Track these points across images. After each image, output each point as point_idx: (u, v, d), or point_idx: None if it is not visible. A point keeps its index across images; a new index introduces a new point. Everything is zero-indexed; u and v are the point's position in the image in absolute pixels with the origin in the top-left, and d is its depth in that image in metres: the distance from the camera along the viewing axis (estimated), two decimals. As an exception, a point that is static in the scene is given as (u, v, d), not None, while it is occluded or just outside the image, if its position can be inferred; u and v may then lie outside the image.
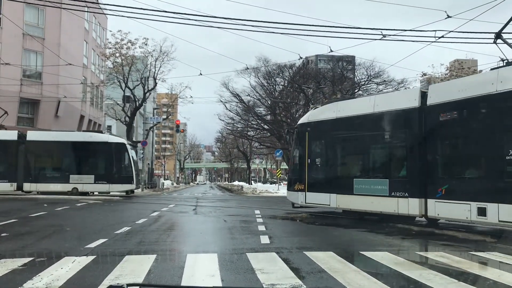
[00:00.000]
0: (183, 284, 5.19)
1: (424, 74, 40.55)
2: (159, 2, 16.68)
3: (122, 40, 34.16)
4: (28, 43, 30.82)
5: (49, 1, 20.02)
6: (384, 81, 42.74)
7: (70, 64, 28.70)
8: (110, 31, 36.98)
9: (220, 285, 5.13)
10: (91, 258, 6.67)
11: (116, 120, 38.87)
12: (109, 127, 49.03)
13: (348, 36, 24.37)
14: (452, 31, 14.55)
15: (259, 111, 47.74)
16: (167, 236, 9.49)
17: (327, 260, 6.58)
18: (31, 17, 31.41)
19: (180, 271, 5.83)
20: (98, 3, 27.94)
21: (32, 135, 24.47)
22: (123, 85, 35.10)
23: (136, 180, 25.45)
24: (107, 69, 39.20)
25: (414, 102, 11.61)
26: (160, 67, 36.06)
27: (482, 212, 9.59)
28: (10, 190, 23.41)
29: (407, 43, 13.19)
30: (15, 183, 23.50)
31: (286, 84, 46.86)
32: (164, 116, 49.01)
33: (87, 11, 31.41)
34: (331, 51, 19.45)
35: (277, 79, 46.87)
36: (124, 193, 24.99)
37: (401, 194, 11.59)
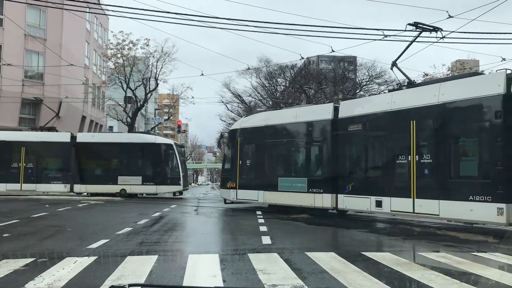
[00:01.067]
0: (184, 284, 5.19)
1: (426, 75, 40.44)
2: (159, 3, 16.68)
3: (123, 40, 34.15)
4: (30, 43, 30.85)
5: (51, 2, 20.05)
6: (386, 81, 42.66)
7: (72, 64, 28.68)
8: (112, 31, 36.96)
9: (222, 285, 5.14)
10: (92, 258, 6.68)
11: (118, 120, 38.91)
12: (111, 128, 49.06)
13: (350, 36, 24.27)
14: (453, 32, 14.53)
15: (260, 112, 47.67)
16: (169, 236, 9.49)
17: (328, 261, 6.58)
18: (33, 18, 31.43)
19: (181, 272, 5.84)
20: (99, 4, 28.00)
21: (82, 137, 24.49)
22: (125, 86, 35.12)
23: (184, 182, 24.95)
24: (109, 70, 39.20)
25: (328, 115, 14.17)
26: (162, 67, 36.03)
27: (379, 204, 12.18)
28: (64, 191, 23.49)
29: (408, 43, 13.20)
30: (69, 184, 23.52)
31: (287, 85, 46.84)
32: (166, 117, 49.03)
33: (89, 12, 31.44)
34: (333, 51, 19.33)
35: (278, 79, 46.84)
36: (172, 194, 24.73)
37: (317, 190, 14.08)
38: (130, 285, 2.44)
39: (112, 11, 19.11)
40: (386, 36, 15.40)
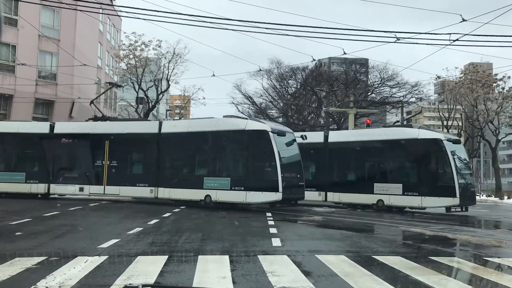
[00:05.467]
0: (194, 285, 5.19)
1: (438, 77, 40.16)
2: (172, 4, 16.74)
3: (136, 42, 34.39)
4: (44, 44, 31.17)
5: (65, 3, 20.21)
6: (398, 83, 42.43)
7: (85, 65, 28.94)
8: (124, 32, 37.22)
9: (232, 287, 5.13)
10: (103, 258, 6.72)
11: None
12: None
13: (362, 38, 24.13)
14: (467, 34, 14.40)
15: (271, 114, 47.72)
16: (179, 237, 9.50)
17: (338, 264, 6.54)
18: (47, 18, 31.77)
19: (191, 273, 5.84)
20: (113, 5, 28.19)
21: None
22: (137, 87, 35.34)
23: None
24: (121, 71, 39.48)
25: (46, 130, 20.31)
26: (174, 69, 36.18)
27: (81, 189, 19.17)
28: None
29: (421, 46, 13.14)
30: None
31: (298, 87, 46.77)
32: (177, 118, 49.23)
33: (102, 13, 31.69)
34: (344, 53, 19.31)
35: (289, 81, 46.82)
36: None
37: (34, 181, 19.81)
38: (143, 285, 2.46)
39: (126, 12, 19.13)
40: (398, 39, 15.31)
